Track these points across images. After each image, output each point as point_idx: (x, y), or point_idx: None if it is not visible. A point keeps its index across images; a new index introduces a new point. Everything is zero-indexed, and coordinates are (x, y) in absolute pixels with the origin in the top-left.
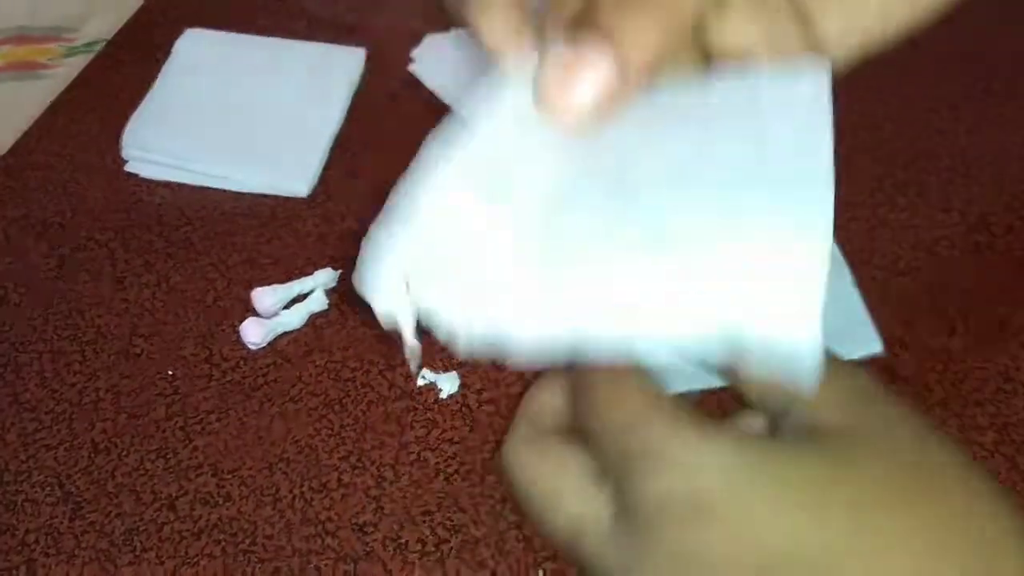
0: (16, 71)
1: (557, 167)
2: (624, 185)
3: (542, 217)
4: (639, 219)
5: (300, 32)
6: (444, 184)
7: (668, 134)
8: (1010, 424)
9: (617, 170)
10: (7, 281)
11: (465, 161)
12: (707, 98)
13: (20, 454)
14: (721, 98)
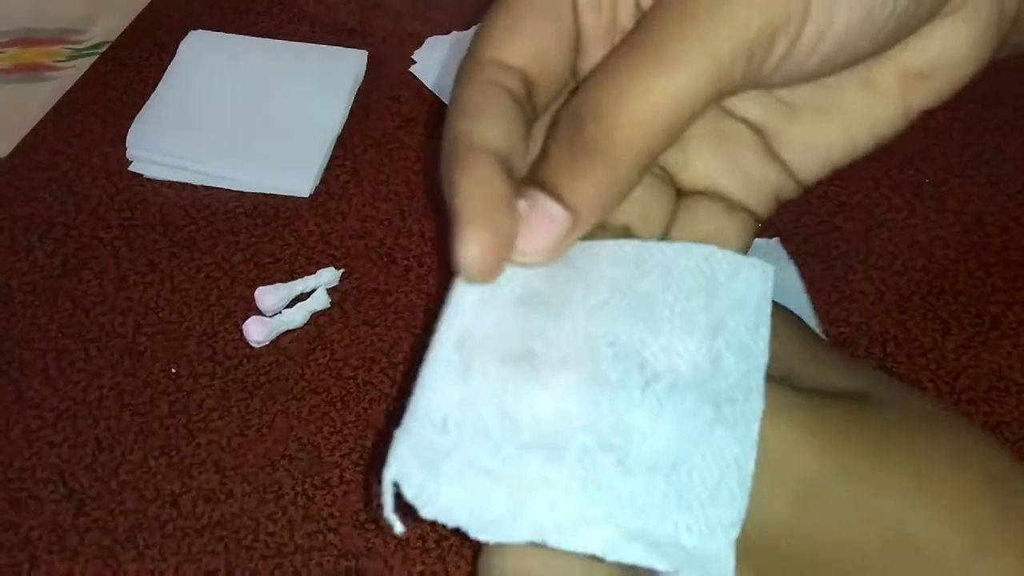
0: (23, 73)
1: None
2: (575, 360)
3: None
4: (591, 406)
5: (303, 35)
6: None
7: (625, 303)
8: (1003, 423)
9: (571, 340)
10: (11, 279)
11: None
12: (667, 264)
13: (24, 451)
14: (680, 267)
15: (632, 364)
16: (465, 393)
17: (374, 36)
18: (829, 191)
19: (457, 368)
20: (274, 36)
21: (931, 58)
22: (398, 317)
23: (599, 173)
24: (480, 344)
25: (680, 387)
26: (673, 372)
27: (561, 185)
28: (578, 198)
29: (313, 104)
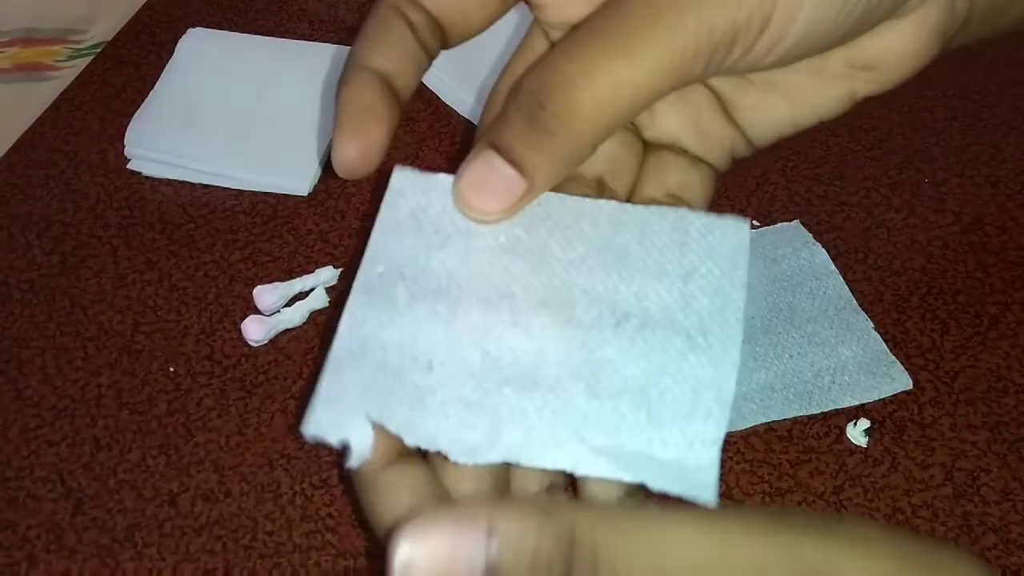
0: (23, 72)
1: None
2: (552, 304)
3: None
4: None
5: (302, 32)
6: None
7: (601, 258)
8: (1002, 423)
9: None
10: (10, 278)
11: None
12: (642, 224)
13: (22, 450)
14: (654, 226)
15: (604, 307)
16: (450, 336)
17: None
18: (829, 191)
19: (439, 312)
20: (273, 34)
21: (879, 53)
22: None
23: (557, 148)
24: (463, 288)
25: (650, 325)
26: (643, 312)
27: (520, 154)
28: (535, 168)
29: (311, 102)
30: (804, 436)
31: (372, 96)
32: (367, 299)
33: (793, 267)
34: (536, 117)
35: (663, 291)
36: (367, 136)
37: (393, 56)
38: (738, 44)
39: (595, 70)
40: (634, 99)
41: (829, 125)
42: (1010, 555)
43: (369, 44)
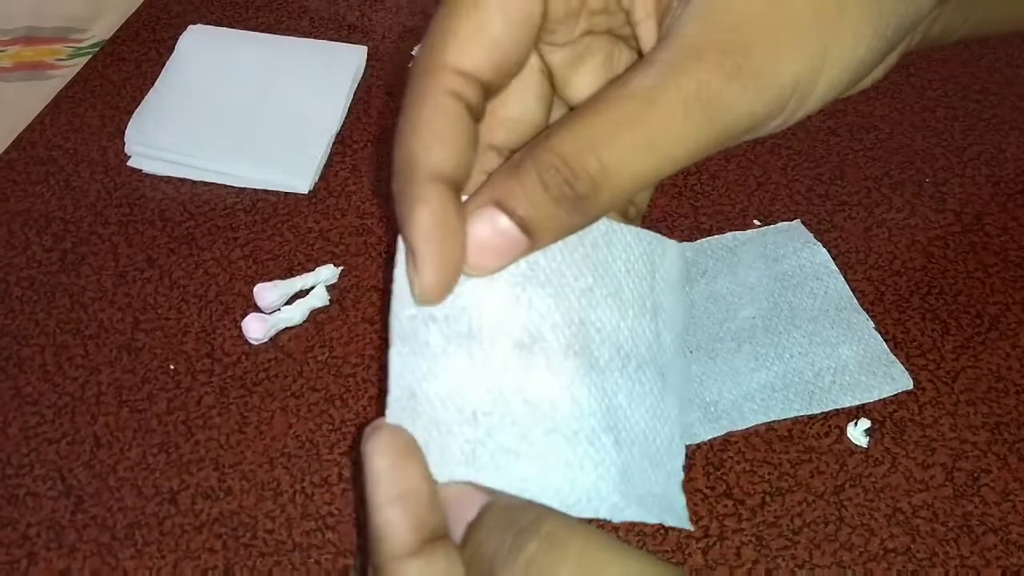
0: (25, 71)
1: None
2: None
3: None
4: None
5: (302, 30)
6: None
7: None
8: (1002, 423)
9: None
10: (9, 275)
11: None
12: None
13: (22, 447)
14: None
15: (613, 348)
16: (491, 385)
17: (374, 31)
18: (830, 190)
19: (477, 358)
20: (273, 31)
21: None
22: None
23: (575, 219)
24: (494, 330)
25: (642, 365)
26: (637, 353)
27: (531, 219)
28: (546, 234)
29: (313, 100)
30: (804, 436)
31: (448, 214)
32: (405, 347)
33: (794, 266)
34: (562, 194)
35: (646, 329)
36: (453, 262)
37: (457, 152)
38: (752, 131)
39: (630, 159)
40: (657, 177)
41: (830, 125)
42: (1010, 555)
43: (429, 141)
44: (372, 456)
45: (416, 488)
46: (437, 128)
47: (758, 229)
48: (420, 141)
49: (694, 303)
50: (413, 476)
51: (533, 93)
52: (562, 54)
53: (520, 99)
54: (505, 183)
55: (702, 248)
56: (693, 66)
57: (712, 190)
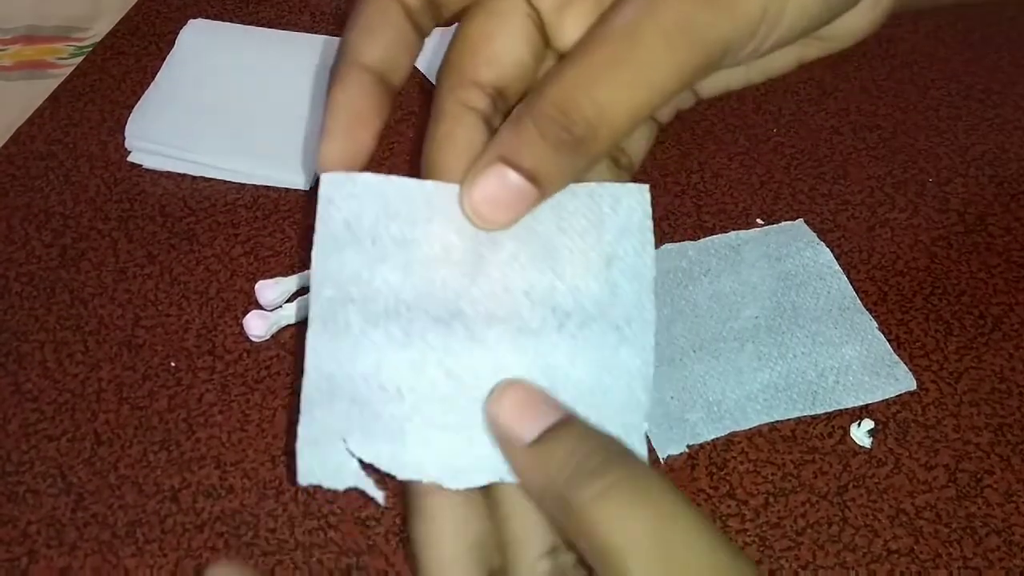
0: (26, 70)
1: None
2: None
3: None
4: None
5: (303, 24)
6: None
7: (530, 253)
8: (1005, 425)
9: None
10: (9, 271)
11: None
12: (557, 206)
13: (22, 444)
14: (569, 208)
15: (547, 309)
16: (412, 361)
17: None
18: (833, 190)
19: (396, 336)
20: (274, 25)
21: (832, 27)
22: None
23: (578, 162)
24: (412, 308)
25: (587, 321)
26: (580, 309)
27: (537, 168)
28: (550, 180)
29: (313, 96)
30: (808, 436)
31: (364, 98)
32: (324, 329)
33: (797, 266)
34: (560, 138)
35: (592, 283)
36: (354, 142)
37: (386, 44)
38: (730, 55)
39: (618, 95)
40: (648, 111)
41: (833, 124)
42: (1013, 557)
43: (361, 33)
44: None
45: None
46: (370, 22)
47: (761, 228)
48: (351, 31)
49: (697, 302)
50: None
51: (519, 34)
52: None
53: (505, 39)
54: (507, 139)
55: (705, 247)
56: (672, 0)
57: (715, 189)
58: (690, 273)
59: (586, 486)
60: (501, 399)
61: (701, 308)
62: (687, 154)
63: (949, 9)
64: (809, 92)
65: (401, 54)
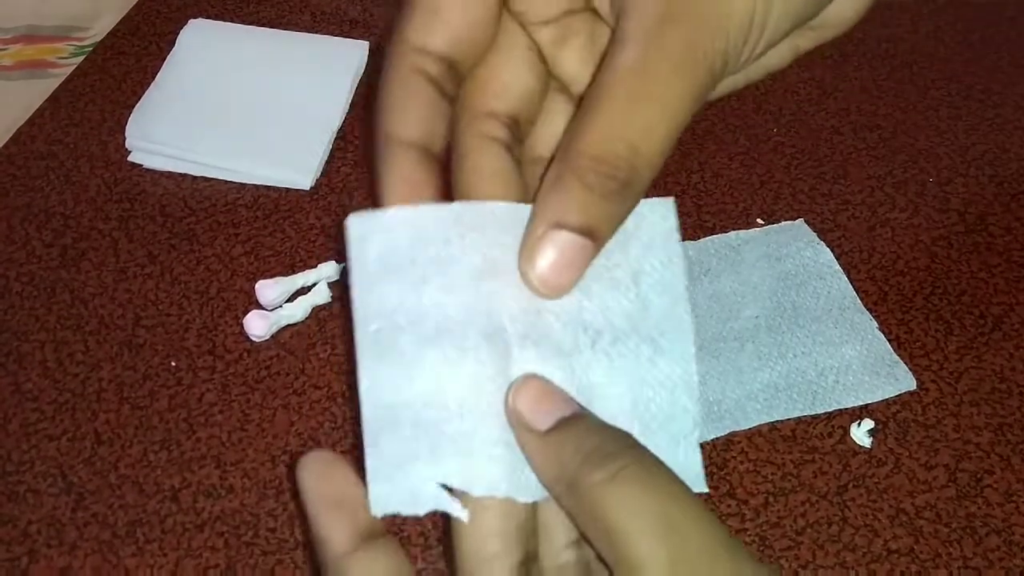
0: (26, 70)
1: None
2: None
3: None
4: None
5: (304, 24)
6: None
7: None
8: (1006, 424)
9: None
10: (9, 270)
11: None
12: None
13: (22, 444)
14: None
15: (578, 328)
16: (469, 378)
17: (376, 27)
18: (833, 189)
19: (450, 354)
20: (275, 26)
21: (821, 17)
22: None
23: (626, 205)
24: (462, 325)
25: (620, 337)
26: (611, 326)
27: (590, 223)
28: (607, 230)
29: (314, 95)
30: (808, 436)
31: (414, 174)
32: (376, 361)
33: (797, 266)
34: (606, 187)
35: (622, 299)
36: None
37: (421, 117)
38: (728, 66)
39: (649, 132)
40: (679, 133)
41: (834, 124)
42: (1013, 556)
43: (395, 112)
44: (302, 476)
45: (344, 493)
46: (401, 100)
47: (761, 228)
48: (387, 113)
49: (697, 302)
50: (340, 483)
51: (524, 65)
52: (548, 32)
53: (512, 71)
54: (554, 202)
55: (705, 247)
56: (667, 30)
57: (715, 189)
58: (690, 273)
59: (596, 471)
60: (519, 391)
61: (701, 308)
62: (687, 154)
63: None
64: (809, 92)
65: (437, 123)
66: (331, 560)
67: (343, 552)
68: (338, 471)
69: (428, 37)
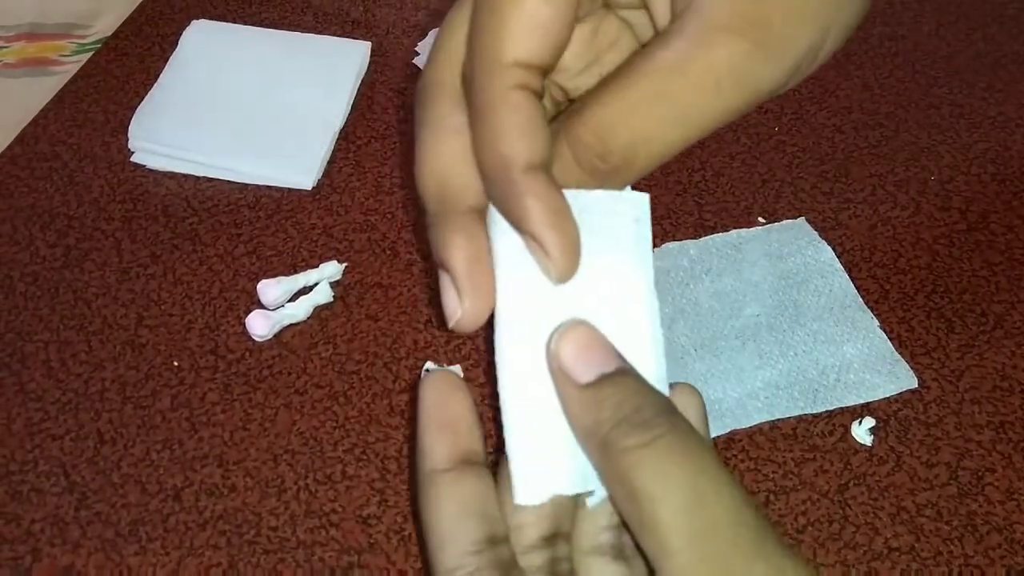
0: (29, 67)
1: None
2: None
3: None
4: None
5: (306, 25)
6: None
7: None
8: (1007, 422)
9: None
10: (13, 271)
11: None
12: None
13: (26, 444)
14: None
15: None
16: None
17: (378, 27)
18: (835, 188)
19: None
20: (277, 26)
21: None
22: (401, 311)
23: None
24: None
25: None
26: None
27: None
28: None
29: (316, 95)
30: (809, 434)
31: (556, 197)
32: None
33: (799, 264)
34: (592, 160)
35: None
36: (573, 238)
37: (541, 138)
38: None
39: (653, 115)
40: (682, 147)
41: (835, 122)
42: (1015, 555)
43: (516, 138)
44: (424, 389)
45: (456, 417)
46: (518, 124)
47: (763, 227)
48: (508, 141)
49: (698, 301)
50: (455, 407)
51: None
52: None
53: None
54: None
55: (706, 246)
56: (722, 39)
57: (716, 187)
58: (691, 272)
59: (632, 435)
60: (563, 338)
61: (702, 307)
62: (688, 152)
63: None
64: (811, 90)
65: (549, 137)
66: (426, 472)
67: (440, 468)
68: (459, 395)
69: (524, 48)
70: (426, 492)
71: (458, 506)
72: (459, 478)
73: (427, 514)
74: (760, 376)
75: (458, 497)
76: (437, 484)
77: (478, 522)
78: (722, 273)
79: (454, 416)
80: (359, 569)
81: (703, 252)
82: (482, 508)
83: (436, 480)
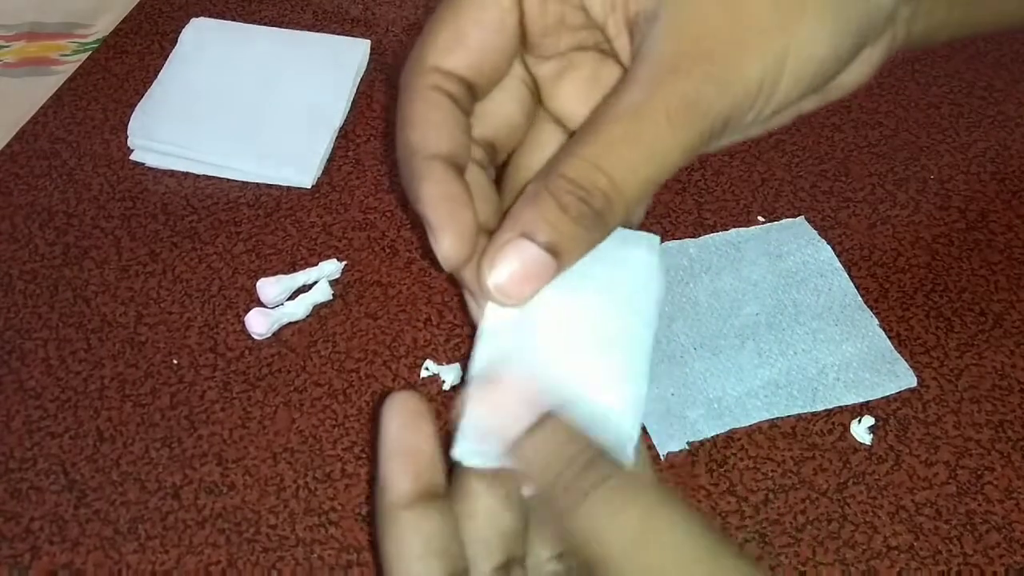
0: (29, 67)
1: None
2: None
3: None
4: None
5: (305, 23)
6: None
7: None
8: (1006, 421)
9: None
10: (12, 269)
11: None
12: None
13: (25, 441)
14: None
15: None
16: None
17: (377, 25)
18: (834, 187)
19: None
20: (277, 24)
21: (832, 84)
22: (400, 310)
23: (596, 234)
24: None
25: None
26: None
27: (558, 241)
28: (572, 252)
29: (316, 94)
30: (808, 433)
31: (451, 184)
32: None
33: (798, 263)
34: (581, 212)
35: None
36: (464, 225)
37: (449, 133)
38: (729, 127)
39: (634, 172)
40: (660, 182)
41: (835, 121)
42: (1013, 553)
43: (423, 129)
44: (385, 417)
45: (418, 448)
46: (427, 116)
47: (762, 226)
48: (413, 130)
49: (698, 300)
50: (418, 437)
51: (512, 96)
52: (548, 67)
53: (499, 100)
54: (526, 214)
55: (706, 244)
56: (670, 80)
57: (716, 186)
58: (691, 271)
59: (576, 481)
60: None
61: (702, 305)
62: None
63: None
64: None
65: (461, 138)
66: (386, 507)
67: (400, 503)
68: (420, 423)
69: (449, 58)
70: (387, 529)
71: (421, 546)
72: (422, 516)
73: (388, 551)
74: (759, 375)
75: (421, 536)
76: (399, 522)
77: (440, 561)
78: (721, 272)
79: (415, 446)
80: (358, 567)
81: (702, 251)
82: (444, 546)
83: (398, 518)
